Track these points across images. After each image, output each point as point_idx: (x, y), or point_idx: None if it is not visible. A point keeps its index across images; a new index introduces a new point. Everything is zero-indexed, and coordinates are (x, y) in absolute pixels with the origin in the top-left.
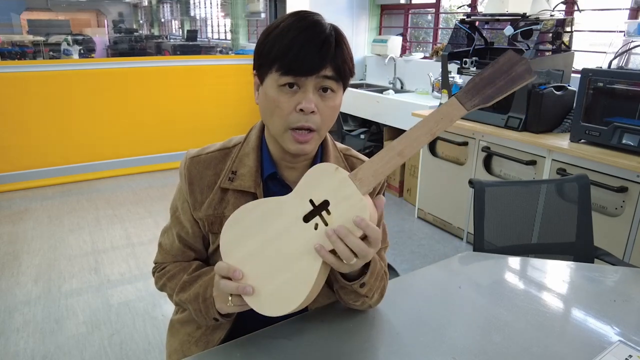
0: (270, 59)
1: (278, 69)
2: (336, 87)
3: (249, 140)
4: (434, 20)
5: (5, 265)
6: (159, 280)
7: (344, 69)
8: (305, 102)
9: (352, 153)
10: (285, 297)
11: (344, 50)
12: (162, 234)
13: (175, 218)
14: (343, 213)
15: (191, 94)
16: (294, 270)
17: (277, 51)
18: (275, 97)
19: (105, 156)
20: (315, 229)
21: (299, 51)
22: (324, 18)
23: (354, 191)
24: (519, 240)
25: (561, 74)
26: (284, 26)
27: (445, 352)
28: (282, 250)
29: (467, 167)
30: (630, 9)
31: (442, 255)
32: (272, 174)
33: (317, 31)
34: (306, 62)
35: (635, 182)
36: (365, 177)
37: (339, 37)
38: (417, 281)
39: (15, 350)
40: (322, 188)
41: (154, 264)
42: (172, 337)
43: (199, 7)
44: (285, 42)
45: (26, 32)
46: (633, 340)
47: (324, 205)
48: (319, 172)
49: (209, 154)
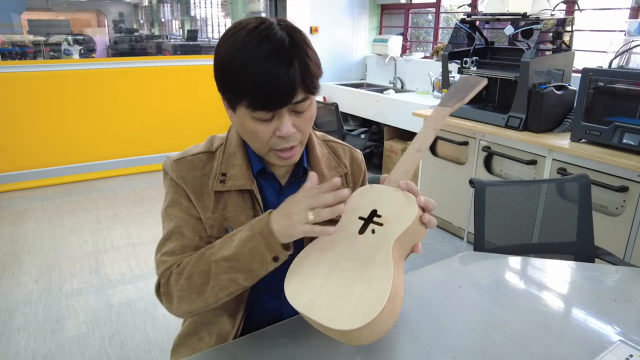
0: (238, 95)
1: (248, 106)
2: (309, 101)
3: (230, 140)
4: (434, 20)
5: (6, 265)
6: (180, 277)
7: (312, 84)
8: (284, 128)
9: (329, 138)
10: (372, 299)
11: (309, 63)
12: (160, 247)
13: (183, 214)
14: (392, 209)
15: (192, 93)
16: (368, 276)
17: (244, 87)
18: (253, 127)
19: (106, 156)
20: (373, 233)
21: (267, 87)
22: (279, 27)
23: (394, 191)
24: (520, 240)
25: (562, 73)
26: (244, 54)
27: (445, 352)
28: (348, 269)
29: (467, 167)
30: (631, 8)
31: (442, 255)
32: (261, 169)
33: (280, 57)
34: (277, 97)
35: (635, 182)
36: (399, 177)
37: (300, 49)
38: (418, 281)
39: (16, 350)
40: (365, 204)
41: (162, 275)
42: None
43: (199, 7)
44: (251, 76)
45: (26, 32)
46: (634, 339)
47: (373, 213)
48: (358, 196)
49: (194, 155)
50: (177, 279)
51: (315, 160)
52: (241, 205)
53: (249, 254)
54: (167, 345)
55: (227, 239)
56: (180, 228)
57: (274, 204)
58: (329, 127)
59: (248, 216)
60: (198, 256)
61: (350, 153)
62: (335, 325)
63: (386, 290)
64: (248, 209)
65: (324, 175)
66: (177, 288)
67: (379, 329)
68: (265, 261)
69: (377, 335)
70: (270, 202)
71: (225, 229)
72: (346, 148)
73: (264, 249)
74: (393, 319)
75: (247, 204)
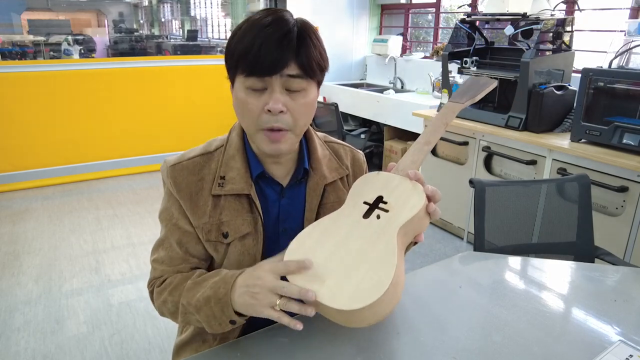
0: (235, 60)
1: (242, 71)
2: (306, 85)
3: (230, 142)
4: (434, 20)
5: (6, 265)
6: (159, 296)
7: (310, 65)
8: (273, 102)
9: (331, 139)
10: (375, 280)
11: (310, 45)
12: (154, 251)
13: (172, 225)
14: (399, 196)
15: (191, 93)
16: (371, 259)
17: (239, 51)
18: (244, 98)
19: (106, 156)
20: (378, 218)
21: (259, 50)
22: (292, 15)
23: (401, 179)
24: (520, 240)
25: (562, 73)
26: (247, 25)
27: (445, 352)
28: (352, 250)
29: (467, 167)
30: (631, 8)
31: (442, 255)
32: (260, 173)
33: (278, 27)
34: (266, 61)
35: (635, 182)
36: (406, 166)
37: (304, 32)
38: (418, 281)
39: (16, 350)
40: (371, 190)
41: (149, 283)
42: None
43: (199, 7)
44: (246, 41)
45: (26, 32)
46: (634, 340)
47: (379, 200)
48: (362, 182)
49: (190, 159)
50: (157, 297)
51: (317, 161)
52: (238, 209)
53: (206, 318)
54: (166, 345)
55: (199, 283)
56: (168, 239)
57: (275, 207)
58: (329, 127)
59: (245, 220)
60: (176, 284)
61: (352, 154)
62: (335, 304)
63: (390, 272)
64: (245, 213)
65: (325, 176)
66: (156, 304)
67: (380, 311)
68: (222, 322)
69: (375, 319)
70: (271, 205)
71: (222, 233)
72: (348, 149)
73: (219, 317)
74: (393, 303)
75: (244, 208)
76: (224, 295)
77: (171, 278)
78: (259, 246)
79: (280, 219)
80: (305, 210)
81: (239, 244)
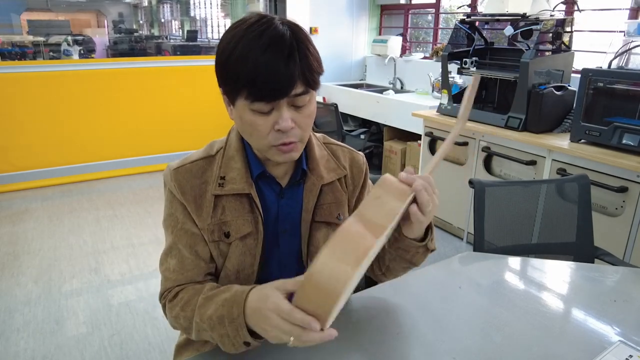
0: (238, 86)
1: (247, 97)
2: (309, 97)
3: (230, 143)
4: (434, 21)
5: (6, 265)
6: (172, 311)
7: (312, 78)
8: (282, 121)
9: (330, 140)
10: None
11: (309, 57)
12: (162, 261)
13: (178, 230)
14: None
15: (191, 94)
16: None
17: (243, 77)
18: (252, 120)
19: (106, 156)
20: None
21: (266, 77)
22: (281, 22)
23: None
24: (519, 240)
25: (561, 74)
26: (244, 45)
27: (445, 352)
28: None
29: (467, 167)
30: (630, 9)
31: (442, 256)
32: (261, 173)
33: (279, 48)
34: (275, 87)
35: (635, 182)
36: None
37: (301, 43)
38: (417, 281)
39: (15, 350)
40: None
41: (162, 296)
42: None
43: (199, 8)
44: (250, 66)
45: (26, 33)
46: (633, 340)
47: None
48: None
49: (192, 162)
50: (169, 311)
51: (314, 161)
52: (239, 209)
53: (220, 338)
54: (166, 345)
55: (210, 298)
56: (177, 244)
57: (274, 207)
58: (328, 127)
59: (246, 220)
60: (187, 300)
61: (351, 155)
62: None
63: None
64: (246, 212)
65: (322, 176)
66: (169, 318)
67: (322, 289)
68: (237, 346)
69: (325, 301)
70: (270, 205)
71: (224, 233)
72: (346, 150)
73: (232, 337)
74: (341, 283)
75: (245, 208)
76: (238, 315)
77: (182, 293)
78: (260, 246)
79: (279, 219)
80: (302, 210)
81: (240, 243)
